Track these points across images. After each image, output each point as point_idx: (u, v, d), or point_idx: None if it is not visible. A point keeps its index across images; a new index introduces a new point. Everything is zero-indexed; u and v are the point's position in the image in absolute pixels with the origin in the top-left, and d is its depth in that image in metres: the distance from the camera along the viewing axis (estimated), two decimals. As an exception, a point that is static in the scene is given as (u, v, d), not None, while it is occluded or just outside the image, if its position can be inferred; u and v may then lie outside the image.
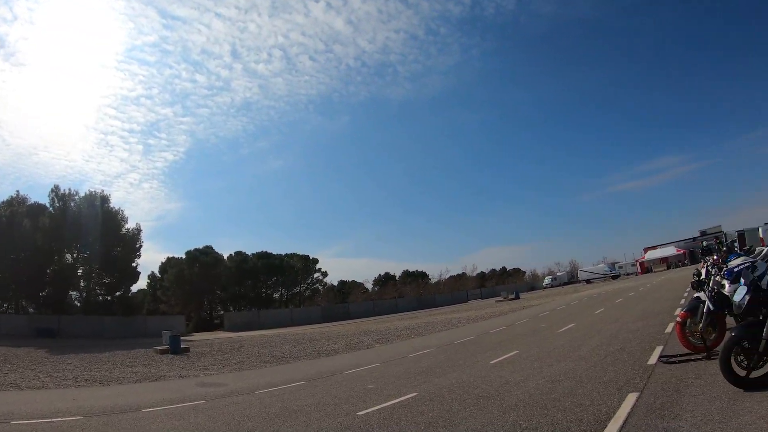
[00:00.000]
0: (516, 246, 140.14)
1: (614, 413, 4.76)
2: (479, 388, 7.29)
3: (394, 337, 21.65)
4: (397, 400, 7.10)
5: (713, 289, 6.79)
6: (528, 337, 13.72)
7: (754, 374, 4.64)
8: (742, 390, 4.67)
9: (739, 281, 5.39)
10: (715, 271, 7.14)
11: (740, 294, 4.96)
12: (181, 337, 23.09)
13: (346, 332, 27.72)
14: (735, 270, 6.60)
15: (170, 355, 19.71)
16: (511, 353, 10.63)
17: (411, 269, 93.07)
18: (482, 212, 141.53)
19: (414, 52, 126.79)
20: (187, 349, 21.24)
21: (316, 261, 71.51)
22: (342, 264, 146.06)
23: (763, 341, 4.54)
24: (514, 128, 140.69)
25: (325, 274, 73.33)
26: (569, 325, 14.94)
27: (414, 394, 7.49)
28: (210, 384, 11.71)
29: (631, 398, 5.26)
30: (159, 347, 20.98)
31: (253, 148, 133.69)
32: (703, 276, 8.27)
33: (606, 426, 4.41)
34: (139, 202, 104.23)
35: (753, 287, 4.78)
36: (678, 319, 7.04)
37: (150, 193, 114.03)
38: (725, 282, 6.68)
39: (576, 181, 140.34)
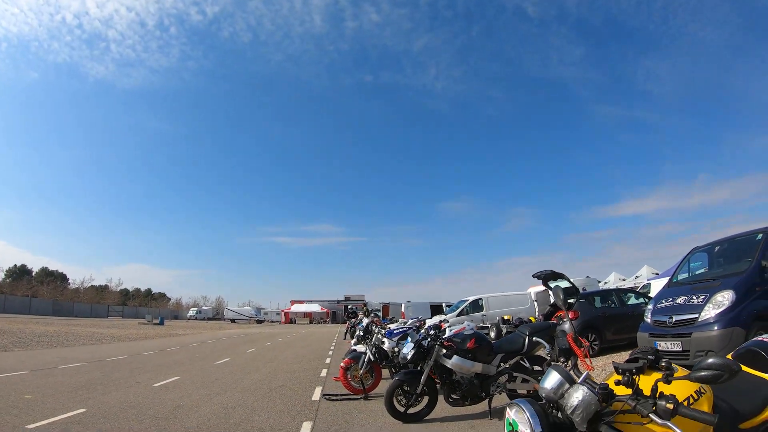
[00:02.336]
0: (164, 269, 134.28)
1: (297, 438, 5.28)
2: (152, 409, 6.87)
3: (33, 342, 18.60)
4: (66, 415, 6.23)
5: (374, 344, 8.43)
6: (185, 365, 13.21)
7: (411, 410, 6.01)
8: (401, 422, 5.91)
9: (406, 339, 6.98)
10: (378, 330, 8.91)
11: (408, 349, 6.37)
12: None
13: None
14: (396, 332, 8.47)
15: None
16: (173, 378, 10.17)
17: (51, 267, 78.01)
18: (137, 226, 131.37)
19: (134, 37, 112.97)
20: None
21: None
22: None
23: (420, 385, 5.97)
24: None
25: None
26: (225, 359, 15.10)
27: (83, 410, 6.62)
28: None
29: (307, 425, 5.91)
30: None
31: None
32: (360, 333, 10.15)
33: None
34: None
35: (417, 345, 6.29)
36: (342, 364, 8.24)
37: None
38: (386, 340, 8.45)
39: (232, 223, 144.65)
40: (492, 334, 13.31)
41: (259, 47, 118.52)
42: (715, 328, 5.93)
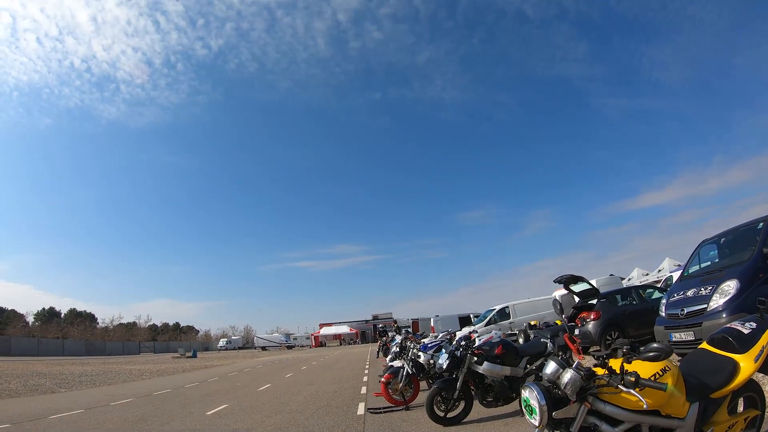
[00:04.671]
0: (189, 302, 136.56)
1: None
2: None
3: (76, 383, 19.23)
4: None
5: (411, 358, 9.06)
6: (230, 393, 13.93)
7: (450, 414, 6.63)
8: (441, 426, 6.52)
9: (440, 351, 7.62)
10: (413, 345, 9.55)
11: (443, 359, 7.02)
12: None
13: (16, 371, 23.15)
14: (430, 346, 9.09)
15: None
16: (223, 406, 10.85)
17: (78, 308, 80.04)
18: (159, 262, 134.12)
19: (142, 76, 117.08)
20: None
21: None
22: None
23: (457, 391, 6.59)
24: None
25: (-21, 296, 55.85)
26: (266, 385, 15.78)
27: None
28: None
29: (358, 437, 6.57)
30: None
31: None
32: (396, 349, 10.78)
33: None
34: None
35: (451, 355, 6.93)
36: (383, 379, 8.87)
37: None
38: (421, 354, 9.07)
39: (253, 252, 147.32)
40: (520, 340, 13.77)
41: (266, 75, 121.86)
42: (724, 315, 6.41)
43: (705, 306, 6.78)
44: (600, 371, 2.70)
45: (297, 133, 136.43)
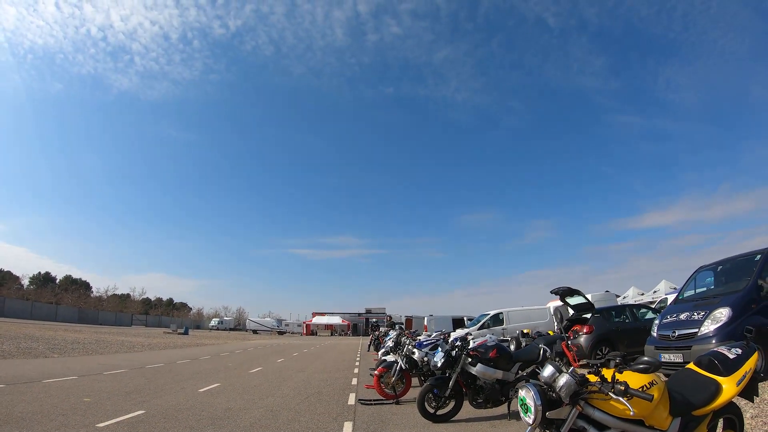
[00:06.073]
0: (184, 279, 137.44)
1: (343, 433, 6.11)
2: (205, 411, 7.67)
3: (69, 349, 19.42)
4: (129, 416, 6.98)
5: (405, 354, 9.26)
6: (222, 373, 14.13)
7: (440, 411, 6.86)
8: (431, 422, 6.73)
9: (436, 350, 7.83)
10: (409, 342, 9.75)
11: (438, 357, 7.23)
12: None
13: (9, 333, 23.69)
14: (425, 343, 9.30)
15: None
16: (215, 385, 11.04)
17: (74, 275, 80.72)
18: (158, 236, 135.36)
19: (157, 50, 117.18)
20: None
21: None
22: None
23: (449, 389, 6.81)
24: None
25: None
26: (257, 368, 16.00)
27: (142, 411, 7.39)
28: None
29: (348, 425, 6.72)
30: None
31: None
32: (390, 344, 11.00)
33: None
34: None
35: (447, 354, 7.14)
36: (376, 372, 9.08)
37: None
38: (416, 350, 9.28)
39: (252, 235, 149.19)
40: (512, 347, 13.99)
41: (281, 60, 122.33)
42: (713, 341, 6.61)
43: (696, 330, 6.98)
44: (593, 378, 2.91)
45: (307, 121, 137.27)
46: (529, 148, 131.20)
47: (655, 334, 7.89)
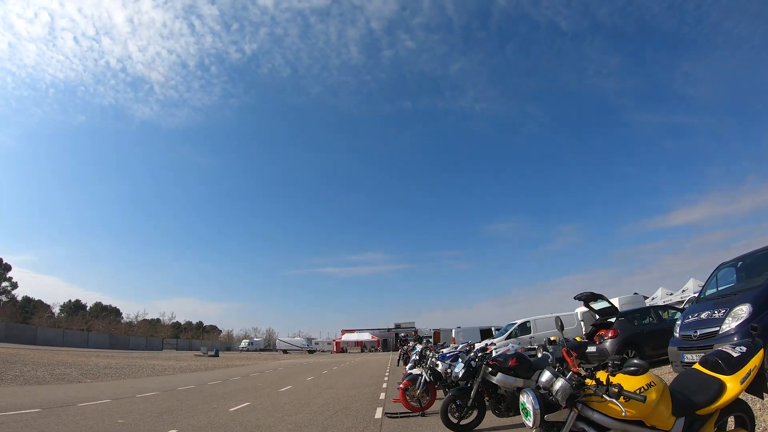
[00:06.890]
0: (212, 302, 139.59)
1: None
2: (236, 428, 7.93)
3: (101, 374, 20.02)
4: None
5: (429, 367, 9.39)
6: (252, 393, 14.41)
7: (463, 421, 6.95)
8: (454, 432, 6.86)
9: (457, 361, 7.95)
10: (432, 354, 9.88)
11: (459, 368, 7.36)
12: None
13: (42, 360, 24.01)
14: (448, 355, 9.42)
15: None
16: (245, 404, 11.29)
17: (104, 302, 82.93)
18: (185, 261, 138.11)
19: (176, 78, 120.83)
20: None
21: (8, 267, 56.61)
22: (28, 277, 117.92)
23: (471, 399, 6.92)
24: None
25: (15, 286, 59.77)
26: (287, 387, 16.24)
27: (174, 430, 7.69)
28: None
29: (374, 439, 6.93)
30: None
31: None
32: (416, 358, 11.12)
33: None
34: None
35: (467, 364, 7.27)
36: (401, 386, 9.22)
37: None
38: (439, 362, 9.40)
39: (279, 255, 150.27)
40: (539, 355, 13.93)
41: (298, 81, 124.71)
42: (735, 339, 6.55)
43: (717, 329, 6.94)
44: (589, 382, 3.05)
45: (327, 140, 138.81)
46: (550, 153, 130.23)
47: (677, 335, 7.83)
